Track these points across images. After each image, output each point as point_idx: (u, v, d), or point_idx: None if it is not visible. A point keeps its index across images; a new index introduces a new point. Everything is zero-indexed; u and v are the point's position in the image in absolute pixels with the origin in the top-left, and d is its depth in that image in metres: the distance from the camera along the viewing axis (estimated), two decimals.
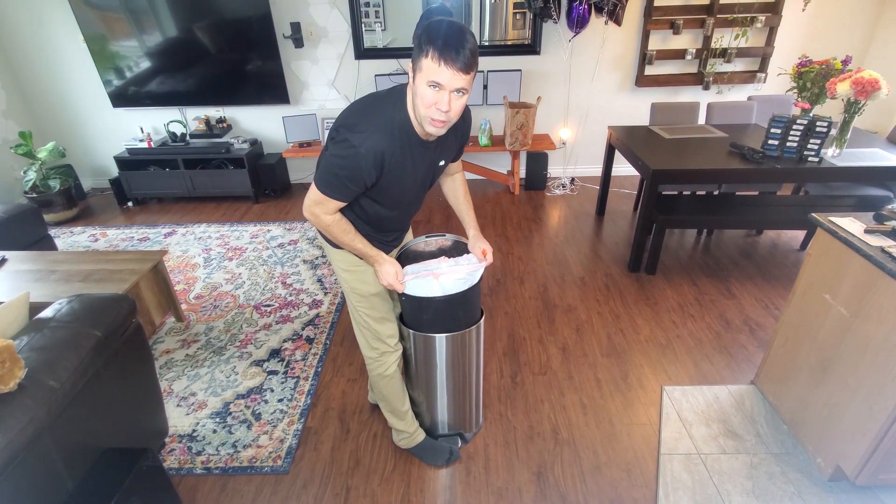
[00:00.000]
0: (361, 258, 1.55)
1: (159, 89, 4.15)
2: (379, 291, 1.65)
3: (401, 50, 4.08)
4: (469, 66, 1.21)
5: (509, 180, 4.40)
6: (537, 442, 1.99)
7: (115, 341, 1.57)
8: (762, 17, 3.89)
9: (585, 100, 4.30)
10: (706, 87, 4.17)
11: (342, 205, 1.39)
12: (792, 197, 3.39)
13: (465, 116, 1.49)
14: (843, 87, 2.61)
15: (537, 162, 4.28)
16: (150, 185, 4.27)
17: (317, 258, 3.37)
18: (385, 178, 1.35)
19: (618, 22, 3.78)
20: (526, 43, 4.10)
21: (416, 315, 1.68)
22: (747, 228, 3.56)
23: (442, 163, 1.51)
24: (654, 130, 3.39)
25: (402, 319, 1.77)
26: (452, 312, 1.65)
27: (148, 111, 4.33)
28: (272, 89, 4.15)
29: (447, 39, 1.17)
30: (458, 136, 1.51)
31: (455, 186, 1.73)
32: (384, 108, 1.33)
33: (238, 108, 4.36)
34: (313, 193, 1.38)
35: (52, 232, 3.69)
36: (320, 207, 1.38)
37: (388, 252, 1.65)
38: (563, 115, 4.40)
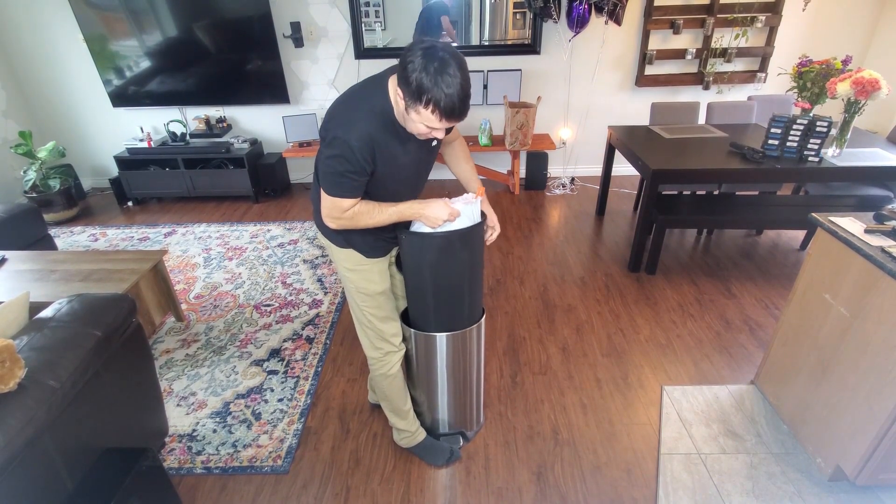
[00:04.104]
0: (402, 220, 1.49)
1: (159, 89, 4.15)
2: (384, 290, 1.65)
3: (401, 50, 4.07)
4: (466, 112, 1.22)
5: (509, 180, 4.40)
6: (537, 442, 1.99)
7: (115, 341, 1.57)
8: (762, 17, 3.89)
9: (585, 100, 4.30)
10: (706, 87, 4.17)
11: (355, 201, 1.39)
12: (792, 197, 3.40)
13: None
14: (843, 87, 2.61)
15: (537, 162, 4.28)
16: (150, 184, 4.27)
17: (317, 258, 3.37)
18: (379, 164, 1.34)
19: (618, 22, 3.78)
20: (526, 43, 4.10)
21: (417, 259, 1.57)
22: (747, 228, 3.56)
23: (435, 142, 1.48)
24: (654, 130, 3.39)
25: (404, 319, 1.77)
26: (454, 252, 1.56)
27: (148, 111, 4.33)
28: (272, 89, 4.15)
29: (450, 95, 1.15)
30: None
31: (455, 154, 1.69)
32: (365, 98, 1.34)
33: (238, 107, 4.36)
34: (326, 201, 1.38)
35: (52, 232, 3.68)
36: (337, 210, 1.39)
37: (391, 249, 1.65)
38: (563, 115, 4.40)
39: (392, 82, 1.28)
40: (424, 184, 1.60)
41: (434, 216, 1.46)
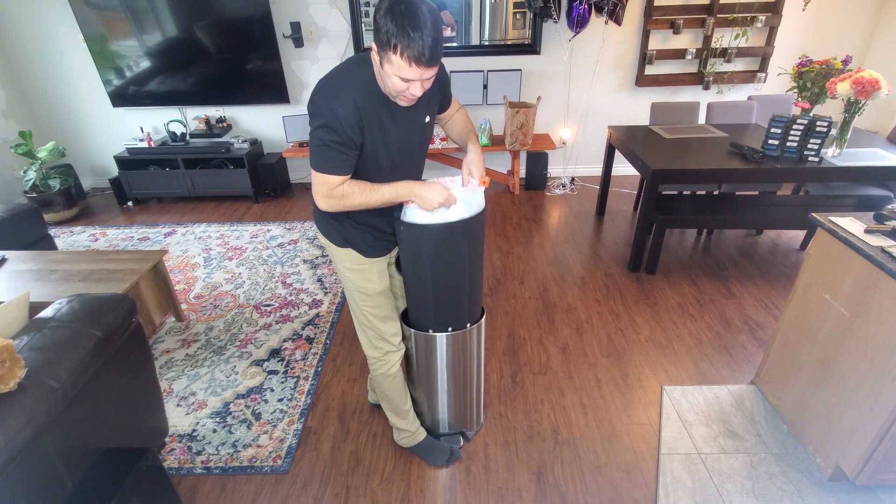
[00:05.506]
0: (396, 201, 1.43)
1: (159, 89, 4.15)
2: (383, 290, 1.64)
3: None
4: (437, 59, 1.20)
5: (509, 180, 4.40)
6: (537, 442, 1.99)
7: (115, 341, 1.57)
8: (762, 17, 3.89)
9: (585, 100, 4.30)
10: (706, 87, 4.17)
11: (344, 179, 1.35)
12: (792, 197, 3.39)
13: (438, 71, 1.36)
14: (843, 87, 2.61)
15: (537, 162, 4.28)
16: (150, 184, 4.27)
17: (317, 258, 3.37)
18: (367, 134, 1.31)
19: (618, 22, 3.78)
20: (526, 43, 4.10)
21: (416, 250, 1.53)
22: (747, 228, 3.56)
23: (427, 119, 1.46)
24: (654, 130, 3.39)
25: (404, 319, 1.77)
26: (454, 243, 1.51)
27: (148, 111, 4.33)
28: (272, 89, 4.15)
29: (414, 38, 1.13)
30: (437, 88, 1.43)
31: (454, 122, 1.65)
32: (349, 71, 1.33)
33: (238, 107, 4.36)
34: (316, 178, 1.34)
35: (52, 232, 3.69)
36: (327, 188, 1.34)
37: (391, 248, 1.64)
38: (563, 115, 4.40)
39: (374, 56, 1.25)
40: (420, 168, 1.58)
41: (429, 197, 1.40)
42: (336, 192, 1.35)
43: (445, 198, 1.41)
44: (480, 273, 1.70)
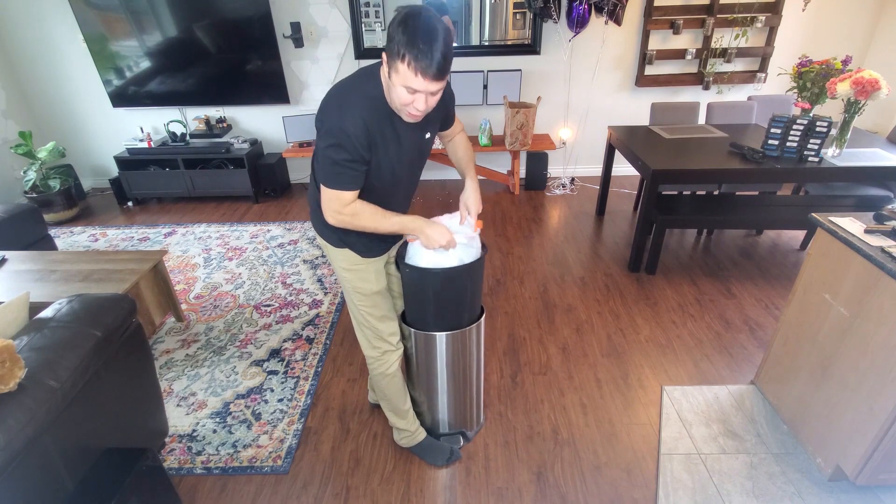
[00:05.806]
0: (402, 233, 1.50)
1: (159, 89, 4.15)
2: (380, 290, 1.65)
3: None
4: (444, 73, 1.21)
5: (509, 180, 4.40)
6: (537, 442, 1.99)
7: (115, 341, 1.57)
8: (762, 17, 3.89)
9: (585, 100, 4.30)
10: (706, 87, 4.17)
11: (356, 194, 1.37)
12: (792, 197, 3.39)
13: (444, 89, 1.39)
14: (843, 87, 2.61)
15: (537, 162, 4.28)
16: (150, 184, 4.27)
17: (317, 258, 3.37)
18: (374, 151, 1.33)
19: (618, 22, 3.78)
20: (526, 43, 4.10)
21: (420, 287, 1.60)
22: (747, 228, 3.56)
23: (428, 135, 1.48)
24: (654, 130, 3.39)
25: (403, 318, 1.77)
26: (458, 281, 1.59)
27: (148, 111, 4.33)
28: (272, 89, 4.15)
29: (424, 50, 1.15)
30: (439, 107, 1.44)
31: (456, 146, 1.70)
32: (357, 86, 1.33)
33: (238, 107, 4.36)
34: (326, 194, 1.36)
35: (52, 232, 3.69)
36: (338, 203, 1.36)
37: (387, 249, 1.65)
38: (563, 115, 4.40)
39: (383, 71, 1.27)
40: (417, 180, 1.60)
41: (434, 237, 1.47)
42: (348, 209, 1.37)
43: (448, 241, 1.49)
44: (480, 290, 1.74)
